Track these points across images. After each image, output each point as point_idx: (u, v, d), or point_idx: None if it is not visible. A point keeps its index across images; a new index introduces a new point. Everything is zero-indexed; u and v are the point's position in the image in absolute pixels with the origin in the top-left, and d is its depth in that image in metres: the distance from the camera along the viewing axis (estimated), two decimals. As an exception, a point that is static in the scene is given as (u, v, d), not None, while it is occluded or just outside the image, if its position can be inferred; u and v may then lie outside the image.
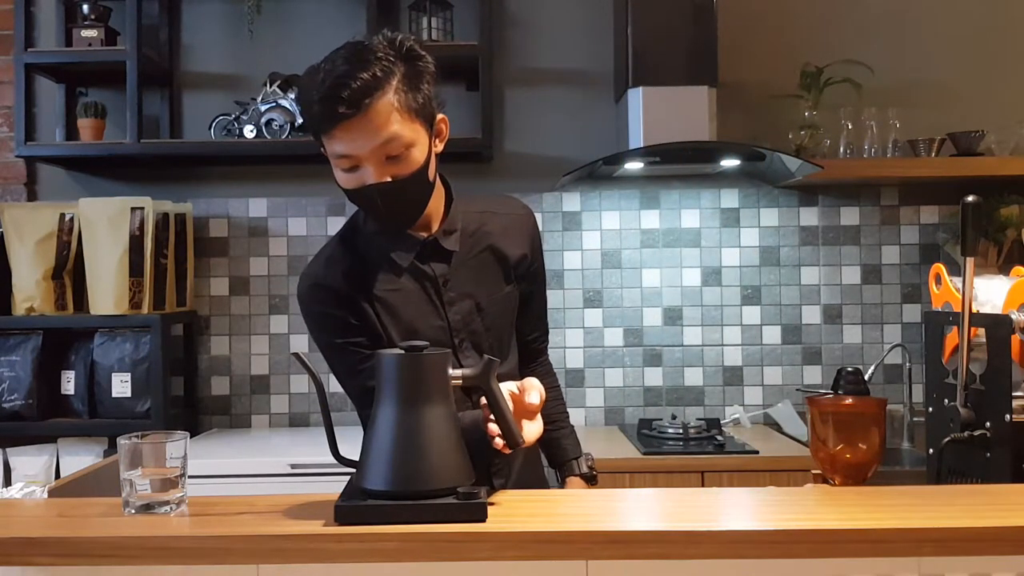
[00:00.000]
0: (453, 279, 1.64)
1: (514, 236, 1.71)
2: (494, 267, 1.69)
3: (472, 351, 1.64)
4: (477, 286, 1.66)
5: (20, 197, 3.26)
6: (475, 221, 1.69)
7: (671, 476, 2.62)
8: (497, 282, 1.69)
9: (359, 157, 1.48)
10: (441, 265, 1.64)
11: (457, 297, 1.64)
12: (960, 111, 3.13)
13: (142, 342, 2.94)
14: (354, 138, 1.46)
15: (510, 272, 1.70)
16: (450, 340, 1.63)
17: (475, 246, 1.68)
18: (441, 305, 1.64)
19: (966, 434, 1.63)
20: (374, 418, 1.32)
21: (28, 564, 1.21)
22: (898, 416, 3.01)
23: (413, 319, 1.62)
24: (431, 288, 1.63)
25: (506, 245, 1.70)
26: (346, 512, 1.24)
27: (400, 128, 1.47)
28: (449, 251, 1.64)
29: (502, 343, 1.70)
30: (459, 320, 1.64)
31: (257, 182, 3.26)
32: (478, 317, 1.65)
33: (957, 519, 1.24)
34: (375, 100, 1.44)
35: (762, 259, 3.23)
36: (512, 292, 1.71)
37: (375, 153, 1.47)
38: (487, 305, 1.66)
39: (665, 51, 2.87)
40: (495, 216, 1.71)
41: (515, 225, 1.73)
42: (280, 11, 3.22)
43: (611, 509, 1.35)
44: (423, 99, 1.50)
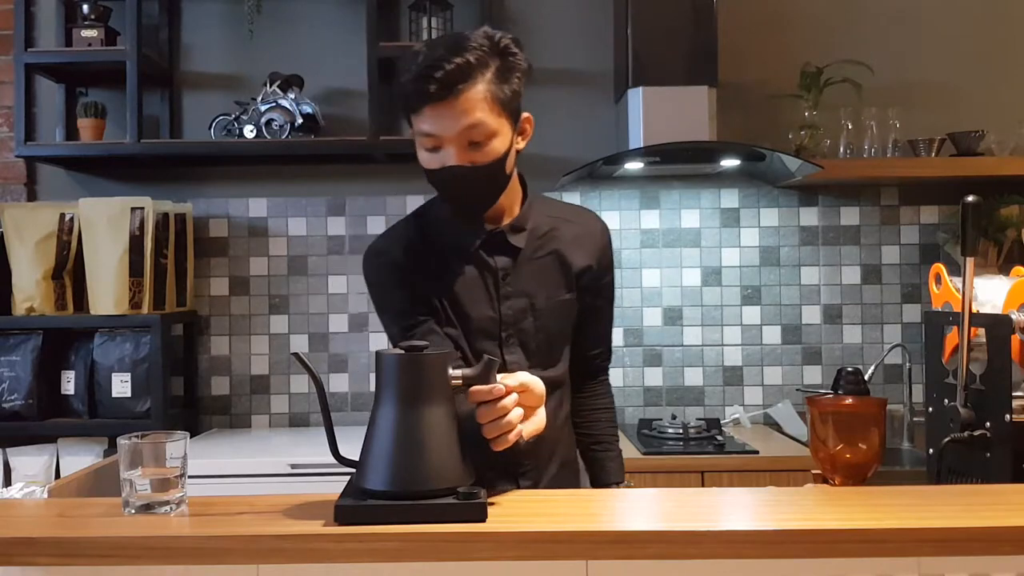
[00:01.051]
0: (513, 275, 1.66)
1: (583, 246, 1.73)
2: (556, 272, 1.70)
3: (518, 348, 1.66)
4: (536, 287, 1.68)
5: (20, 197, 3.26)
6: (547, 224, 1.71)
7: (671, 476, 2.62)
8: (557, 287, 1.69)
9: (443, 138, 1.53)
10: (504, 259, 1.66)
11: (513, 293, 1.66)
12: (960, 111, 3.13)
13: (142, 342, 2.94)
14: (441, 119, 1.51)
15: (572, 280, 1.71)
16: (498, 333, 1.65)
17: (541, 248, 1.70)
18: (497, 298, 1.66)
19: (966, 434, 1.63)
20: (374, 418, 1.32)
21: (28, 564, 1.21)
22: (898, 416, 3.01)
23: (465, 305, 1.65)
24: (490, 279, 1.66)
25: (572, 253, 1.71)
26: (346, 512, 1.24)
27: (485, 117, 1.51)
28: (514, 247, 1.67)
29: (552, 347, 1.70)
30: (511, 315, 1.66)
31: (257, 182, 3.26)
32: (531, 316, 1.67)
33: (957, 519, 1.24)
34: (466, 86, 1.48)
35: (762, 259, 3.23)
36: (571, 300, 1.71)
37: (459, 136, 1.52)
38: (542, 307, 1.67)
39: (665, 51, 2.87)
40: (568, 223, 1.74)
41: (586, 236, 1.74)
42: (280, 11, 3.22)
43: (611, 509, 1.35)
44: (512, 94, 1.54)
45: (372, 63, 2.99)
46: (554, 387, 1.68)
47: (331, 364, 3.22)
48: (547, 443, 1.69)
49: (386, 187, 3.25)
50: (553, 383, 1.66)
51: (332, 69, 3.22)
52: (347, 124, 3.20)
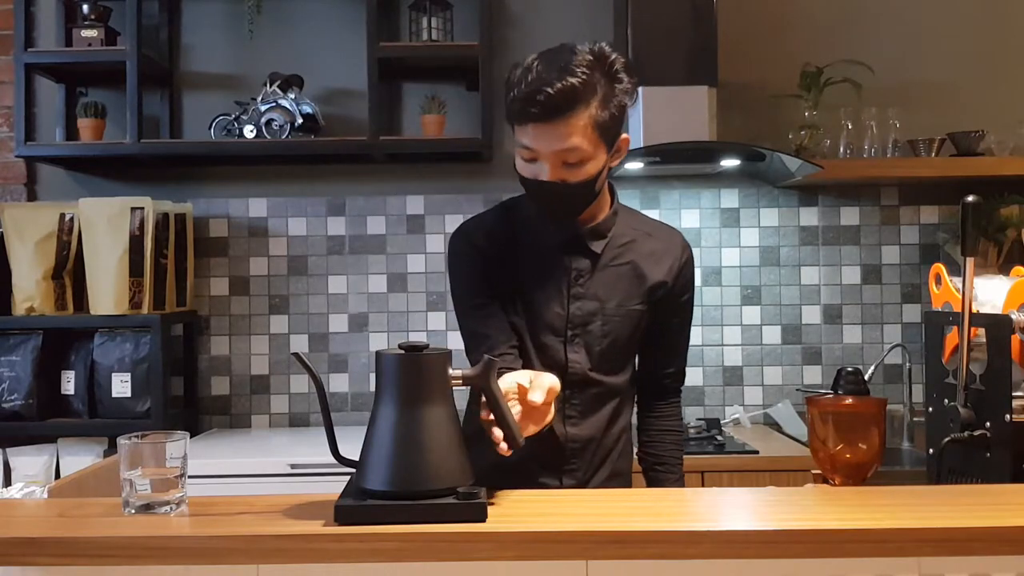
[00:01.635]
0: (588, 278, 1.71)
1: (660, 261, 1.76)
2: (630, 282, 1.73)
3: (582, 348, 1.71)
4: (608, 293, 1.72)
5: (20, 197, 3.26)
6: (629, 235, 1.76)
7: (671, 476, 2.62)
8: (628, 296, 1.73)
9: (540, 153, 1.58)
10: (582, 261, 1.72)
11: (584, 294, 1.71)
12: (960, 111, 3.13)
13: (142, 342, 2.94)
14: (540, 138, 1.56)
15: (645, 292, 1.74)
16: (564, 330, 1.71)
17: (619, 257, 1.74)
18: (568, 297, 1.71)
19: (966, 434, 1.63)
20: (374, 418, 1.32)
21: (28, 564, 1.21)
22: (898, 416, 3.01)
23: (537, 299, 1.71)
24: (564, 279, 1.71)
25: (648, 266, 1.74)
26: (346, 512, 1.25)
27: (583, 142, 1.56)
28: (592, 251, 1.72)
29: (616, 353, 1.73)
30: (579, 316, 1.71)
31: (257, 182, 3.26)
32: (599, 320, 1.71)
33: (957, 519, 1.24)
34: (567, 112, 1.53)
35: (762, 259, 3.23)
36: (641, 312, 1.74)
37: (555, 156, 1.57)
38: (611, 312, 1.71)
39: (665, 51, 2.87)
40: (649, 237, 1.77)
41: (665, 252, 1.77)
42: (280, 11, 3.22)
43: (611, 509, 1.35)
44: (613, 120, 1.58)
45: (372, 63, 2.99)
46: (612, 395, 1.75)
47: (331, 364, 3.22)
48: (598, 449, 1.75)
49: (386, 187, 3.25)
50: (612, 391, 1.74)
51: (332, 69, 3.22)
52: (347, 124, 3.21)
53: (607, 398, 1.75)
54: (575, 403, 1.72)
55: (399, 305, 3.24)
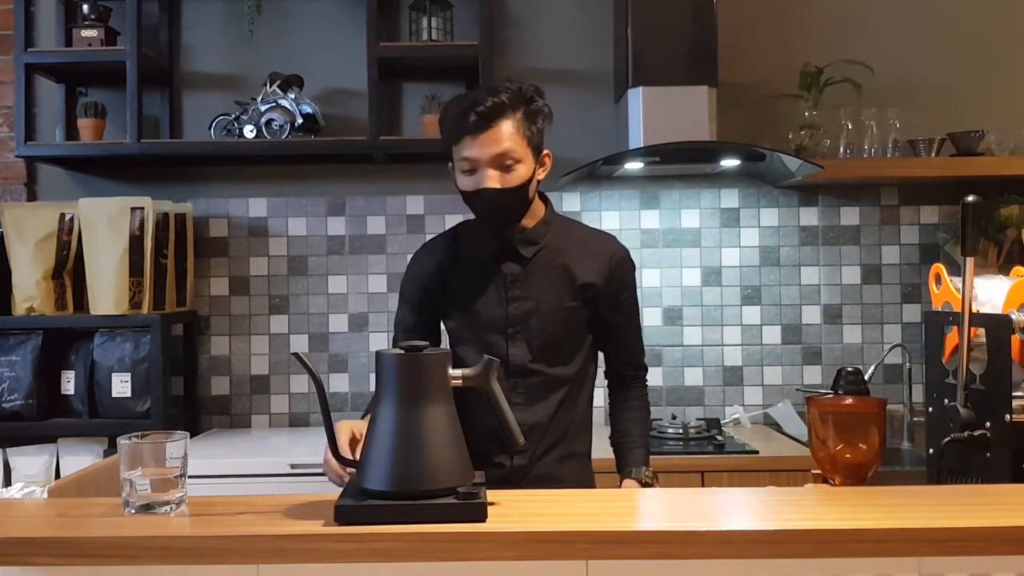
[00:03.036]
0: (522, 281, 1.92)
1: (590, 264, 1.94)
2: (561, 282, 1.92)
3: (523, 343, 1.90)
4: (541, 293, 1.91)
5: (20, 197, 3.26)
6: (562, 242, 1.95)
7: (671, 476, 2.62)
8: (560, 295, 1.92)
9: (479, 161, 1.81)
10: (514, 266, 1.92)
11: (521, 296, 1.91)
12: (960, 111, 3.13)
13: (142, 342, 2.94)
14: (477, 146, 1.81)
15: (577, 291, 1.92)
16: (505, 328, 1.90)
17: (552, 261, 1.93)
18: (506, 299, 1.91)
19: (966, 434, 1.63)
20: (374, 418, 1.32)
21: (28, 564, 1.21)
22: (898, 416, 3.01)
23: (479, 303, 1.92)
24: (500, 283, 1.92)
25: (578, 268, 1.93)
26: (346, 512, 1.25)
27: (514, 146, 1.82)
28: (523, 256, 1.92)
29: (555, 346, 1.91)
30: (517, 315, 1.91)
31: (257, 182, 3.26)
32: (535, 318, 1.90)
33: (957, 519, 1.24)
34: (498, 119, 1.80)
35: (762, 259, 3.23)
36: (575, 308, 1.92)
37: (492, 160, 1.81)
38: (546, 310, 1.90)
39: (665, 51, 2.87)
40: (582, 244, 1.97)
41: (596, 256, 1.95)
42: (280, 11, 3.22)
43: (611, 509, 1.35)
44: (536, 132, 1.87)
45: (372, 63, 2.99)
46: (559, 384, 1.92)
47: (331, 364, 3.22)
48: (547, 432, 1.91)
49: (386, 187, 3.25)
50: (558, 380, 1.92)
51: (332, 69, 3.22)
52: (347, 124, 3.20)
53: (553, 386, 1.91)
54: (520, 391, 1.89)
55: (399, 305, 3.23)
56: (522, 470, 1.90)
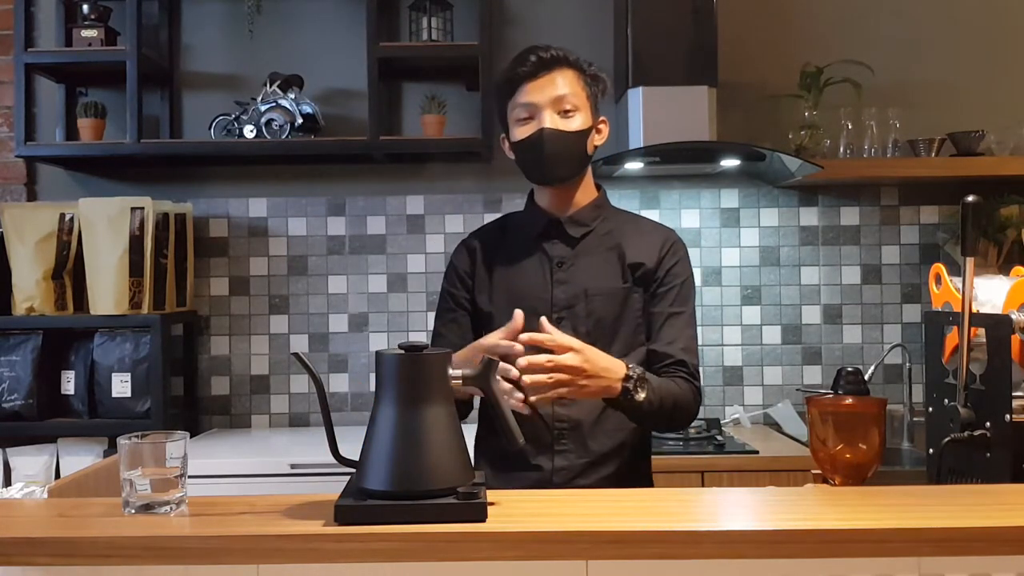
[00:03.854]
0: (570, 264, 1.83)
1: (642, 245, 1.85)
2: (613, 264, 1.84)
3: (569, 330, 1.75)
4: (591, 276, 1.82)
5: (20, 197, 3.26)
6: (615, 225, 1.89)
7: (671, 476, 2.62)
8: (612, 277, 1.83)
9: (537, 105, 1.77)
10: (561, 247, 1.85)
11: (568, 279, 1.82)
12: (960, 111, 3.13)
13: (142, 342, 2.94)
14: (536, 91, 1.77)
15: (627, 271, 1.83)
16: (550, 314, 1.78)
17: (604, 243, 1.86)
18: (551, 282, 1.83)
19: (966, 434, 1.63)
20: (374, 418, 1.32)
21: (28, 564, 1.21)
22: (898, 416, 3.01)
23: (523, 287, 1.84)
24: (547, 265, 1.84)
25: (629, 248, 1.85)
26: (346, 512, 1.25)
27: (573, 93, 1.78)
28: (571, 237, 1.85)
29: (604, 333, 1.79)
30: (563, 300, 1.82)
31: (257, 182, 3.26)
32: (583, 302, 1.81)
33: (957, 519, 1.24)
34: (557, 66, 1.78)
35: (762, 259, 3.23)
36: (625, 289, 1.82)
37: (552, 104, 1.77)
38: (594, 293, 1.81)
39: (665, 51, 2.87)
40: (635, 227, 1.90)
41: (648, 237, 1.87)
42: (280, 11, 3.22)
43: (611, 509, 1.35)
44: (594, 93, 1.83)
45: (372, 63, 2.99)
46: None
47: (331, 364, 3.22)
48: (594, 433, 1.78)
49: (386, 187, 3.25)
50: None
51: (332, 69, 3.22)
52: (347, 124, 3.20)
53: None
54: None
55: (399, 305, 3.24)
56: (564, 474, 1.77)
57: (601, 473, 1.79)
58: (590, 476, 1.78)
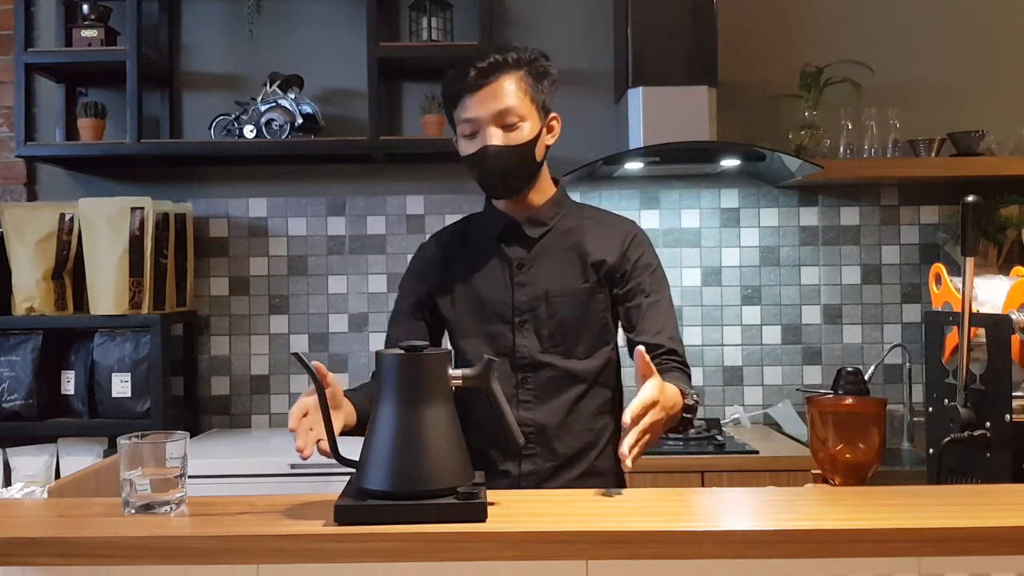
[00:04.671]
0: (529, 265, 1.79)
1: (603, 242, 1.80)
2: (574, 264, 1.79)
3: (532, 333, 1.76)
4: (552, 278, 1.78)
5: (20, 197, 3.26)
6: (574, 223, 1.83)
7: (671, 476, 2.62)
8: (573, 277, 1.78)
9: (480, 121, 1.72)
10: (520, 250, 1.80)
11: (528, 281, 1.78)
12: (960, 111, 3.13)
13: (142, 342, 2.94)
14: (478, 105, 1.71)
15: (588, 271, 1.78)
16: (511, 317, 1.77)
17: (563, 243, 1.81)
18: (511, 285, 1.78)
19: (966, 434, 1.63)
20: (374, 418, 1.32)
21: (28, 564, 1.21)
22: (898, 416, 3.01)
23: (483, 290, 1.80)
24: (506, 268, 1.80)
25: (590, 246, 1.80)
26: (346, 512, 1.25)
27: (517, 104, 1.72)
28: (530, 238, 1.80)
29: (568, 335, 1.76)
30: (524, 302, 1.77)
31: (257, 182, 3.26)
32: (544, 304, 1.77)
33: (957, 519, 1.24)
34: (498, 75, 1.71)
35: (762, 259, 3.23)
36: (590, 290, 1.78)
37: (494, 118, 1.71)
38: (556, 295, 1.77)
39: (665, 51, 2.87)
40: (597, 223, 1.85)
41: (608, 232, 1.82)
42: (280, 11, 3.22)
43: (611, 509, 1.35)
44: (541, 92, 1.78)
45: (372, 63, 2.99)
46: (573, 380, 1.76)
47: (331, 364, 3.22)
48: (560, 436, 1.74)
49: (386, 187, 3.25)
50: (571, 376, 1.75)
51: (332, 69, 3.22)
52: (347, 124, 3.20)
53: (566, 383, 1.75)
54: (529, 387, 1.75)
55: (399, 305, 3.23)
56: (532, 479, 1.73)
57: (568, 475, 1.75)
58: (558, 479, 1.75)
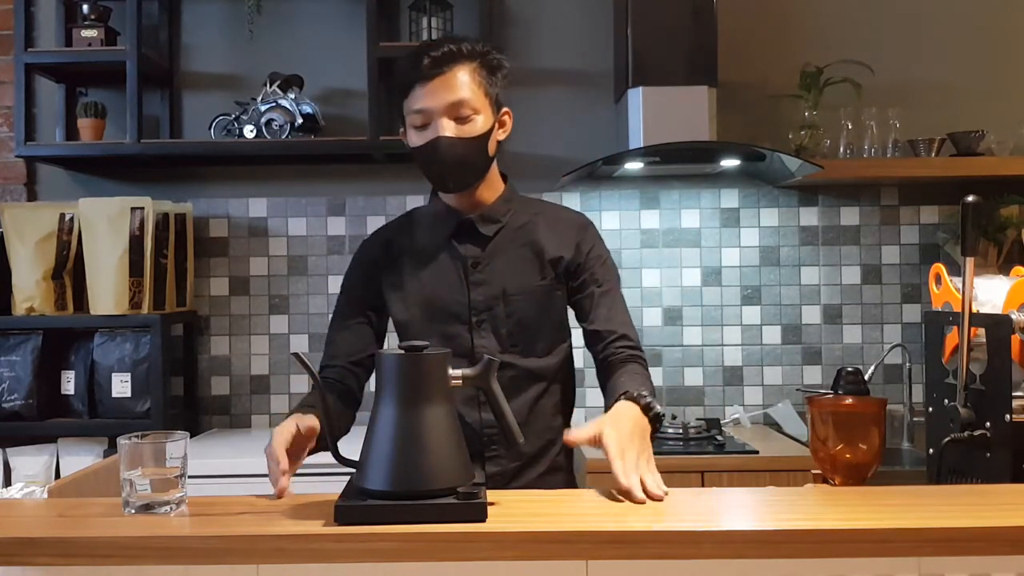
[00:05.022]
0: (485, 263, 1.75)
1: (558, 237, 1.79)
2: (530, 261, 1.76)
3: (489, 333, 1.73)
4: (509, 276, 1.75)
5: (20, 197, 3.26)
6: (526, 218, 1.80)
7: (671, 476, 2.57)
8: (530, 275, 1.76)
9: (432, 112, 1.67)
10: (474, 248, 1.76)
11: (484, 280, 1.75)
12: (960, 111, 3.13)
13: (142, 342, 2.94)
14: (430, 95, 1.66)
15: (546, 267, 1.76)
16: (468, 317, 1.74)
17: (517, 239, 1.78)
18: (466, 284, 1.74)
19: (966, 434, 1.63)
20: (374, 418, 1.32)
21: (28, 564, 1.21)
22: (898, 416, 3.01)
23: (438, 291, 1.75)
24: (460, 267, 1.75)
25: (546, 242, 1.77)
26: (346, 512, 1.25)
27: (470, 95, 1.68)
28: (484, 236, 1.76)
29: (527, 333, 1.74)
30: (481, 302, 1.74)
31: (257, 182, 3.26)
32: (501, 303, 1.74)
33: (957, 519, 1.23)
34: (454, 67, 1.67)
35: (762, 259, 3.23)
36: (546, 287, 1.76)
37: (447, 110, 1.66)
38: (514, 293, 1.74)
39: (665, 51, 2.87)
40: (547, 218, 1.82)
41: (561, 228, 1.80)
42: (280, 11, 3.22)
43: (611, 509, 1.35)
44: (494, 85, 1.73)
45: (372, 63, 2.99)
46: (533, 379, 1.74)
47: (331, 364, 3.21)
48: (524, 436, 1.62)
49: (386, 187, 3.25)
50: (532, 374, 1.74)
51: (332, 69, 3.22)
52: (347, 124, 3.20)
53: (527, 382, 1.73)
54: None
55: (399, 305, 3.23)
56: (498, 480, 1.70)
57: (532, 474, 1.75)
58: (522, 478, 1.74)
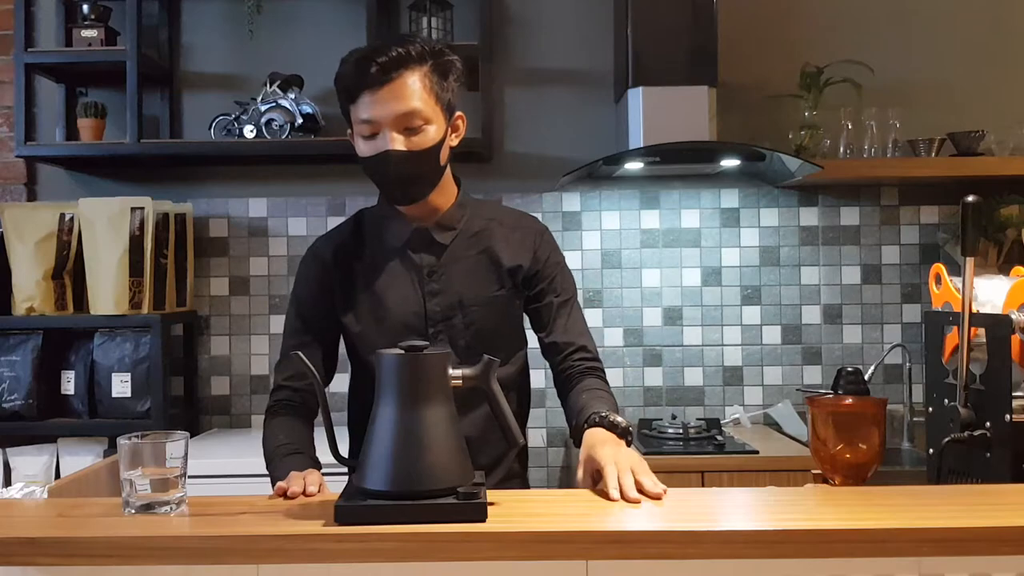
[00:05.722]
0: (441, 272, 1.70)
1: (515, 246, 1.75)
2: (487, 269, 1.72)
3: (447, 344, 1.68)
4: (466, 285, 1.70)
5: (20, 197, 3.26)
6: (481, 225, 1.75)
7: (671, 476, 2.61)
8: (487, 284, 1.72)
9: (381, 123, 1.58)
10: (429, 257, 1.70)
11: (441, 290, 1.69)
12: (960, 111, 3.13)
13: (142, 342, 2.94)
14: (379, 104, 1.57)
15: (504, 277, 1.73)
16: (425, 329, 1.68)
17: (473, 247, 1.73)
18: (422, 294, 1.69)
19: (966, 434, 1.63)
20: (374, 418, 1.33)
21: (28, 564, 1.21)
22: (898, 416, 3.01)
23: (390, 301, 1.69)
24: (415, 276, 1.70)
25: (503, 251, 1.73)
26: (346, 512, 1.25)
27: (422, 105, 1.58)
28: (440, 244, 1.70)
29: (485, 344, 1.66)
30: (437, 312, 1.69)
31: (257, 182, 3.26)
32: (459, 313, 1.69)
33: (957, 519, 1.23)
34: (404, 73, 1.57)
35: (762, 259, 3.23)
36: (504, 297, 1.73)
37: (396, 121, 1.57)
38: (471, 303, 1.69)
39: (665, 51, 2.87)
40: (502, 225, 1.77)
41: (519, 236, 1.76)
42: (280, 11, 3.22)
43: (611, 509, 1.35)
44: (447, 89, 1.64)
45: (372, 63, 2.99)
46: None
47: (331, 364, 3.22)
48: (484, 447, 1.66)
49: (386, 187, 3.24)
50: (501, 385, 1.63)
51: (332, 69, 3.18)
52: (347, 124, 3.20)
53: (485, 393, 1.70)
54: None
55: (399, 305, 3.23)
56: None
57: (491, 482, 1.67)
58: None
